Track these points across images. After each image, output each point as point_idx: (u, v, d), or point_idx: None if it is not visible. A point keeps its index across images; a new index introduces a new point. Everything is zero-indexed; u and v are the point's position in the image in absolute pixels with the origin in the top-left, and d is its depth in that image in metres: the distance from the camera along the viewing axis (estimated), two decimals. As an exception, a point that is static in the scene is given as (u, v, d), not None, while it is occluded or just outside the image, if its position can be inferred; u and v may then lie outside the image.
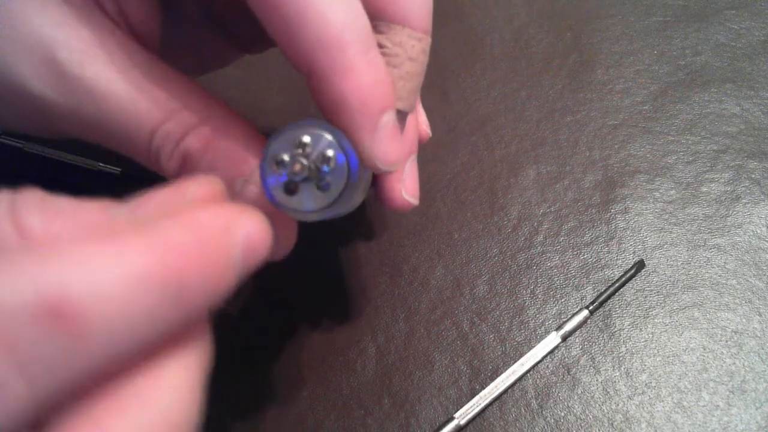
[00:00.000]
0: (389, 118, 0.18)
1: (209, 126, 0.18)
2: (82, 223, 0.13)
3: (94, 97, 0.17)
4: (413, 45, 0.19)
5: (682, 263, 0.31)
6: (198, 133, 0.18)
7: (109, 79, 0.17)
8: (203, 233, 0.13)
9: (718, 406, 0.27)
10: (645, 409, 0.27)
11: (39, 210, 0.13)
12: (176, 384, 0.13)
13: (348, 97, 0.17)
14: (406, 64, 0.19)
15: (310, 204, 0.17)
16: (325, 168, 0.17)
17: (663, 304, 0.30)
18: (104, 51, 0.17)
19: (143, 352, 0.12)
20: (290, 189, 0.17)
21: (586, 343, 0.29)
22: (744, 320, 0.29)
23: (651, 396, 0.28)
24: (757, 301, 0.30)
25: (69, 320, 0.11)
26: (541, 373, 0.28)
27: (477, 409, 0.27)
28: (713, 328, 0.29)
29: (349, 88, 0.17)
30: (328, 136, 0.17)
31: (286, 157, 0.17)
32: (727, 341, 0.29)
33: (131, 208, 0.14)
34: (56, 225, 0.13)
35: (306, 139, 0.17)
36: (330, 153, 0.17)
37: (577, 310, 0.30)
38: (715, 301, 0.30)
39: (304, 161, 0.17)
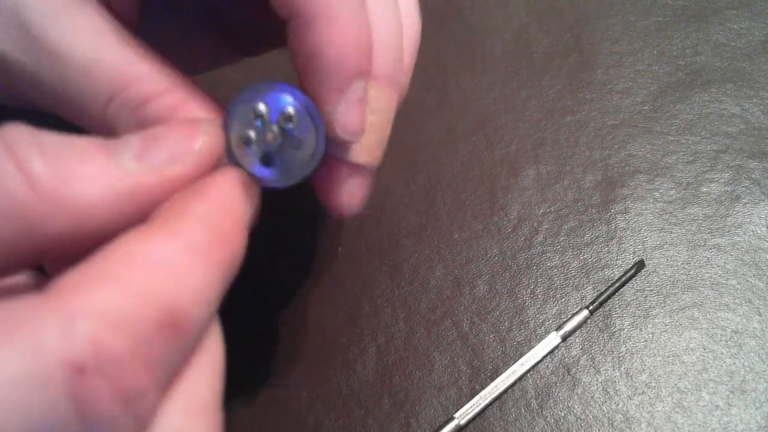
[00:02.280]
0: (360, 86, 0.17)
1: (170, 97, 0.17)
2: (91, 170, 0.14)
3: (55, 60, 0.17)
4: (377, 97, 0.19)
5: (682, 263, 0.31)
6: (158, 103, 0.17)
7: (72, 41, 0.17)
8: (234, 213, 0.15)
9: (718, 406, 0.27)
10: (645, 409, 0.27)
11: (37, 151, 0.13)
12: (215, 352, 0.15)
13: (326, 48, 0.17)
14: (371, 119, 0.19)
15: (293, 169, 0.17)
16: (290, 126, 0.17)
17: (663, 304, 0.30)
18: (70, 14, 0.17)
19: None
20: (266, 160, 0.17)
21: (586, 343, 0.29)
22: (744, 320, 0.29)
23: (651, 396, 0.28)
24: (757, 301, 0.30)
25: (179, 325, 0.13)
26: (541, 373, 0.28)
27: (477, 409, 0.27)
28: (713, 328, 0.29)
29: (329, 38, 0.17)
30: (284, 95, 0.17)
31: (252, 134, 0.17)
32: (727, 341, 0.29)
33: (136, 153, 0.15)
34: (61, 170, 0.13)
35: (261, 107, 0.17)
36: (290, 110, 0.17)
37: (577, 310, 0.30)
38: (715, 301, 0.30)
39: (272, 132, 0.16)
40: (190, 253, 0.13)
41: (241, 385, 0.28)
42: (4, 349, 0.11)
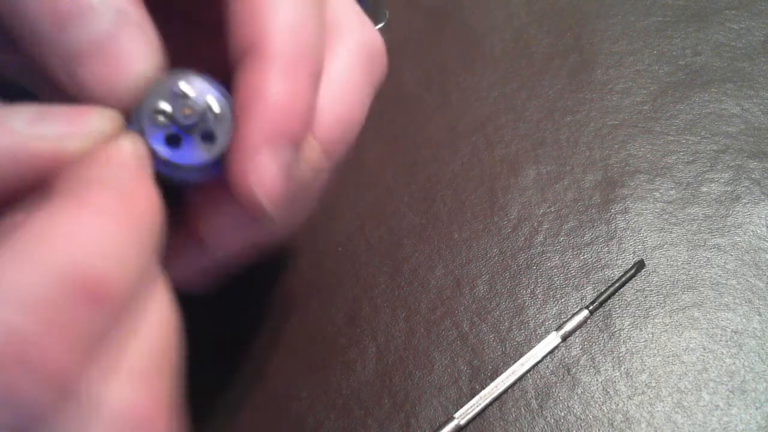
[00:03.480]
0: (287, 153, 0.16)
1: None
2: None
3: None
4: (307, 159, 0.18)
5: (682, 263, 0.31)
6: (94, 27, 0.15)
7: None
8: (145, 179, 0.15)
9: (718, 406, 0.27)
10: (645, 409, 0.27)
11: None
12: (160, 318, 0.14)
13: (258, 103, 0.15)
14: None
15: (197, 155, 0.16)
16: (209, 115, 0.16)
17: (663, 304, 0.30)
18: None
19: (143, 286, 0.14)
20: (174, 140, 0.16)
21: (586, 343, 0.29)
22: (744, 320, 0.29)
23: (651, 396, 0.28)
24: (757, 301, 0.30)
25: (97, 293, 0.12)
26: (541, 373, 0.28)
27: (477, 409, 0.27)
28: (713, 328, 0.29)
29: (263, 94, 0.15)
30: (208, 84, 0.16)
31: (167, 107, 0.16)
32: (727, 341, 0.29)
33: (28, 120, 0.14)
34: None
35: (185, 87, 0.16)
36: (213, 100, 0.16)
37: (577, 310, 0.30)
38: (715, 301, 0.30)
39: (190, 108, 0.16)
40: (97, 219, 0.13)
41: (240, 385, 0.28)
42: None
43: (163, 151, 0.16)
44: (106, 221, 0.13)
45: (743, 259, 0.31)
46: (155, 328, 0.14)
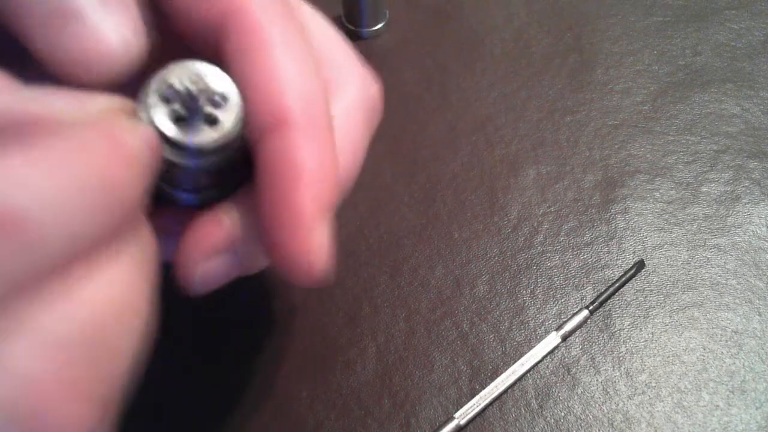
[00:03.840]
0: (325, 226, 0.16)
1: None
2: None
3: None
4: None
5: (682, 263, 0.31)
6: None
7: None
8: (117, 139, 0.14)
9: (718, 406, 0.27)
10: (645, 409, 0.27)
11: None
12: (118, 274, 0.13)
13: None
14: None
15: (199, 137, 0.15)
16: (218, 99, 0.16)
17: (663, 304, 0.30)
18: None
19: (83, 250, 0.13)
20: (179, 116, 0.15)
21: (586, 343, 0.29)
22: (744, 320, 0.29)
23: (651, 396, 0.28)
24: (757, 301, 0.30)
25: (14, 226, 0.11)
26: (541, 373, 0.28)
27: (477, 409, 0.27)
28: (713, 328, 0.29)
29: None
30: (222, 72, 0.16)
31: (176, 83, 0.15)
32: (727, 341, 0.29)
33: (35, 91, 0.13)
34: None
35: (195, 67, 0.16)
36: (225, 86, 0.16)
37: (577, 310, 0.30)
38: (715, 301, 0.30)
39: (197, 86, 0.15)
40: (40, 162, 0.12)
41: (240, 385, 0.28)
42: None
43: (166, 127, 0.15)
44: (50, 167, 0.12)
45: (743, 259, 0.31)
46: (94, 302, 0.13)
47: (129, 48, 0.15)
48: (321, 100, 0.17)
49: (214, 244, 0.17)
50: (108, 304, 0.13)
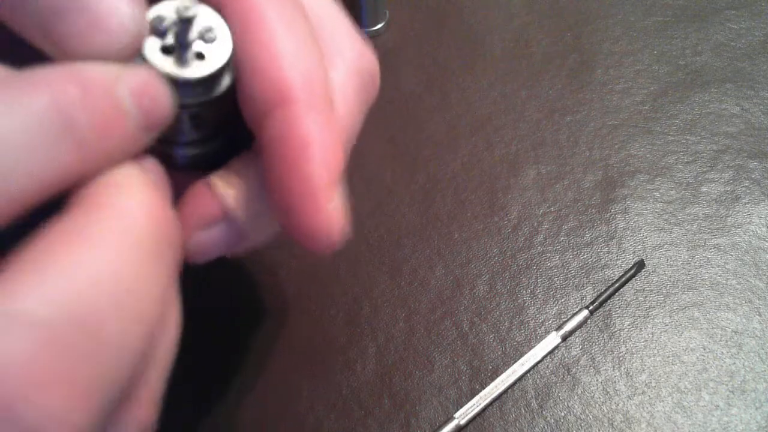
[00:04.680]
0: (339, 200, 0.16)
1: None
2: None
3: None
4: None
5: (682, 263, 0.31)
6: None
7: None
8: (88, 80, 0.13)
9: (718, 406, 0.27)
10: (645, 409, 0.27)
11: None
12: (113, 249, 0.13)
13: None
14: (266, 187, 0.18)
15: (190, 70, 0.15)
16: (210, 35, 0.16)
17: (663, 304, 0.30)
18: None
19: (51, 188, 0.13)
20: (167, 49, 0.15)
21: (586, 343, 0.29)
22: (744, 320, 0.29)
23: (651, 396, 0.28)
24: (757, 301, 0.30)
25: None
26: (541, 373, 0.28)
27: (477, 409, 0.27)
28: (713, 328, 0.29)
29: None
30: (213, 10, 0.16)
31: (167, 13, 0.15)
32: (727, 341, 0.29)
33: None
34: None
35: (191, 4, 0.15)
36: (215, 22, 0.16)
37: (577, 310, 0.30)
38: (715, 301, 0.30)
39: (188, 16, 0.15)
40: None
41: (241, 385, 0.28)
42: None
43: (156, 58, 0.15)
44: (15, 100, 0.12)
45: (743, 259, 0.31)
46: (83, 280, 0.12)
47: (137, 22, 0.15)
48: (321, 73, 0.17)
49: (208, 214, 0.17)
50: (100, 284, 0.12)
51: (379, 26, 0.41)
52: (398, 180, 0.34)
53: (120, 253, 0.13)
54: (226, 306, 0.30)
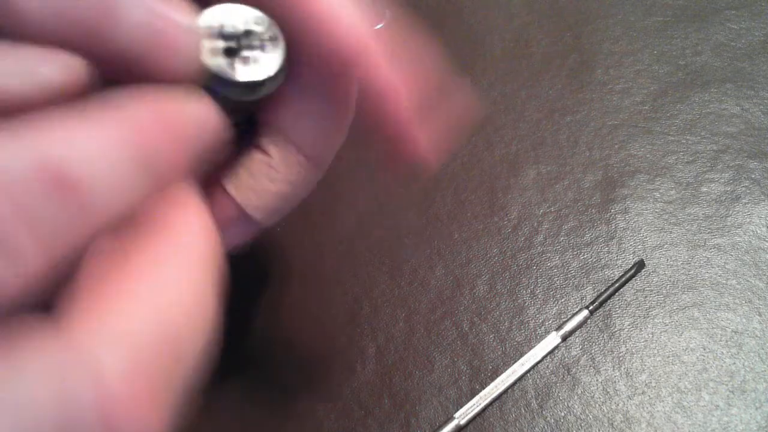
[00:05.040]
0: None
1: None
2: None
3: None
4: (299, 171, 0.18)
5: (682, 263, 0.31)
6: None
7: None
8: (164, 112, 0.14)
9: (718, 406, 0.27)
10: (645, 409, 0.27)
11: None
12: (183, 271, 0.13)
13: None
14: (281, 185, 0.18)
15: (247, 72, 0.16)
16: (267, 44, 0.16)
17: (663, 304, 0.30)
18: None
19: (129, 218, 0.13)
20: (229, 52, 0.16)
21: (586, 343, 0.29)
22: (744, 320, 0.29)
23: (651, 396, 0.28)
24: (757, 301, 0.30)
25: (69, 187, 0.11)
26: (541, 373, 0.28)
27: (477, 409, 0.27)
28: (713, 328, 0.29)
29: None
30: (266, 16, 0.16)
31: (225, 22, 0.16)
32: (727, 341, 0.29)
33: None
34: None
35: (245, 11, 0.16)
36: (274, 32, 0.16)
37: (577, 310, 0.30)
38: (715, 301, 0.30)
39: (246, 26, 0.16)
40: (91, 131, 0.12)
41: (240, 385, 0.28)
42: None
43: (211, 61, 0.15)
44: (101, 136, 0.12)
45: (743, 259, 0.31)
46: (164, 301, 0.12)
47: (194, 33, 0.15)
48: (368, 26, 0.19)
49: (227, 217, 0.18)
50: (177, 303, 0.13)
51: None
52: (398, 180, 0.34)
53: (190, 269, 0.13)
54: (226, 305, 0.30)
